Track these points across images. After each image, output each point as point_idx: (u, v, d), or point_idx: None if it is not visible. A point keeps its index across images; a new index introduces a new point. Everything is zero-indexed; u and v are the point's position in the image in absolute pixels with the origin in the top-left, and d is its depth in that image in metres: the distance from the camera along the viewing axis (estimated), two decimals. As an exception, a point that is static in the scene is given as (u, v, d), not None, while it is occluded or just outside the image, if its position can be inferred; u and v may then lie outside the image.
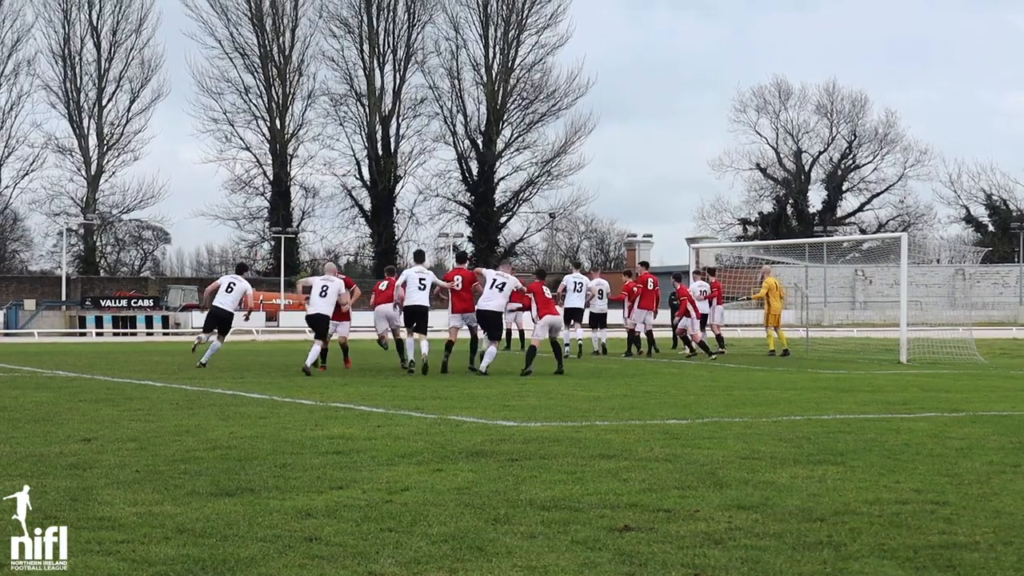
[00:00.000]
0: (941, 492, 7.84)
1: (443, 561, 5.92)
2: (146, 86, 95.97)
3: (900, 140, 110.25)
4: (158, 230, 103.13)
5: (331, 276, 21.95)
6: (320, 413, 13.01)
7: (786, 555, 6.06)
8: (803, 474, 8.57)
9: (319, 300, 21.16)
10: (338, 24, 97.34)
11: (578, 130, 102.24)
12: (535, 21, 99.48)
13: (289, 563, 5.88)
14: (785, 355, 27.53)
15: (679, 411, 13.32)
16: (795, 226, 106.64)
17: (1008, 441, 10.50)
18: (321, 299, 21.13)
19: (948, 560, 5.97)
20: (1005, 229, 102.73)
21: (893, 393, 16.19)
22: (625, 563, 5.90)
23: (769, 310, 28.46)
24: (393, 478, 8.36)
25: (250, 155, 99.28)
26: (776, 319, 28.37)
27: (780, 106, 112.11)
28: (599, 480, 8.25)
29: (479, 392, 15.98)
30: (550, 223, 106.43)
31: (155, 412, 13.09)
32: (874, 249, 49.07)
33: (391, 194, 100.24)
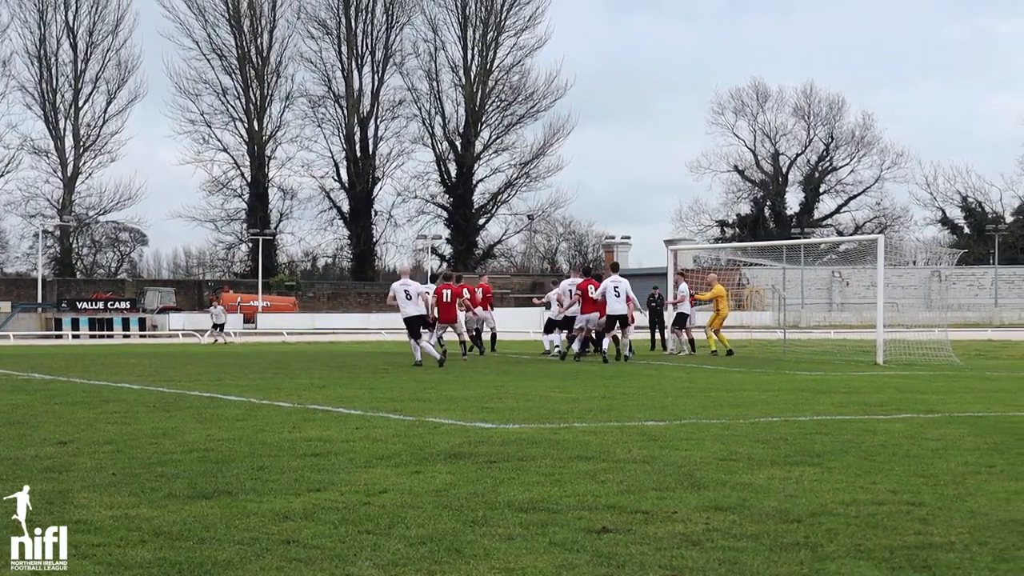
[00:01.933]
0: (917, 493, 7.87)
1: (421, 563, 5.91)
2: (123, 87, 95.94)
3: (877, 143, 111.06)
4: (135, 232, 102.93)
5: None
6: (298, 415, 12.99)
7: (763, 556, 6.07)
8: (780, 475, 8.59)
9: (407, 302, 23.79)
10: (316, 25, 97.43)
11: (556, 132, 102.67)
12: (513, 23, 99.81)
13: (266, 566, 5.87)
14: (715, 355, 28.34)
15: (657, 413, 13.34)
16: (772, 228, 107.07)
17: (983, 442, 10.55)
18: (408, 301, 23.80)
19: (924, 560, 5.99)
20: (980, 231, 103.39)
21: (870, 394, 16.25)
22: (603, 564, 5.90)
23: (717, 314, 29.43)
24: (371, 480, 8.35)
25: (228, 157, 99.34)
26: (721, 322, 29.50)
27: (758, 108, 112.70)
28: (577, 482, 8.26)
29: (457, 394, 15.98)
30: (528, 225, 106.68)
31: (132, 415, 13.03)
32: (851, 251, 49.28)
33: (369, 196, 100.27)
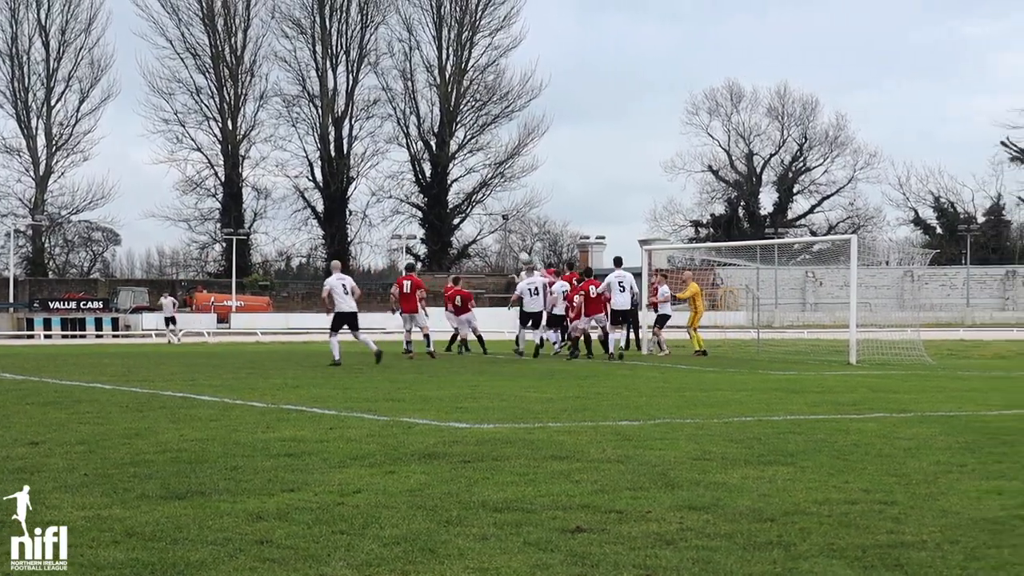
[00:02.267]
0: (889, 492, 7.91)
1: (395, 563, 5.91)
2: (96, 86, 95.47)
3: (850, 143, 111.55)
4: (108, 231, 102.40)
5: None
6: (272, 415, 12.95)
7: (737, 555, 6.09)
8: (754, 475, 8.62)
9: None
10: (290, 25, 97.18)
11: (531, 132, 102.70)
12: (488, 23, 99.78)
13: (240, 566, 5.85)
14: (703, 355, 28.53)
15: (631, 412, 13.36)
16: (746, 228, 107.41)
17: (955, 441, 10.61)
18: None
19: (896, 559, 6.02)
20: (952, 231, 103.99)
21: (843, 394, 16.31)
22: (577, 564, 5.91)
23: (696, 312, 29.90)
24: (345, 480, 8.33)
25: (201, 156, 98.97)
26: (699, 320, 29.95)
27: (732, 109, 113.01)
28: (551, 481, 8.26)
29: (432, 394, 15.97)
30: (503, 225, 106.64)
31: (104, 415, 12.97)
32: (824, 251, 49.51)
33: (344, 195, 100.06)
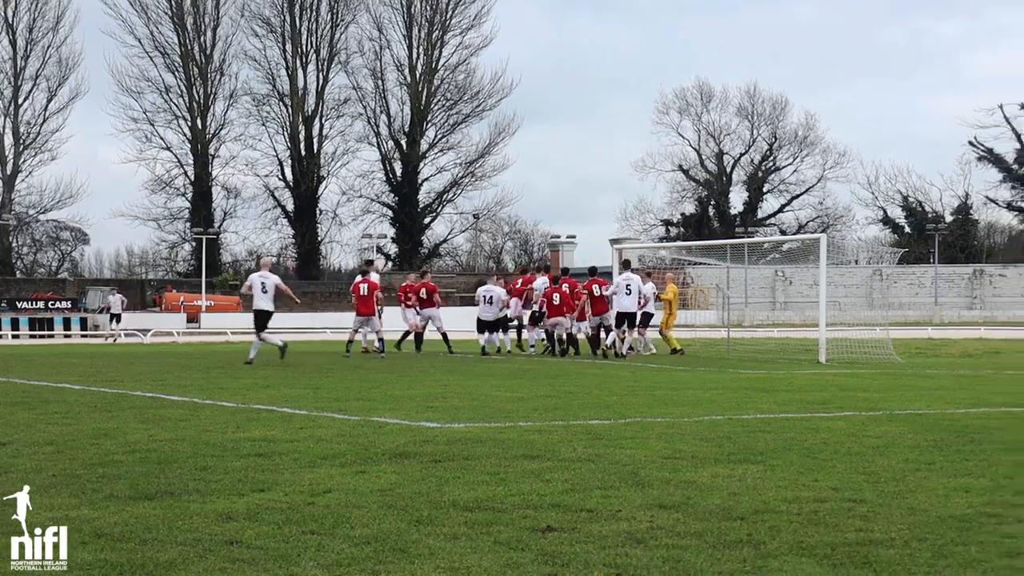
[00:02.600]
0: (858, 490, 7.95)
1: (365, 563, 5.90)
2: (64, 85, 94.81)
3: (819, 142, 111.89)
4: (76, 231, 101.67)
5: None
6: (242, 415, 12.90)
7: (707, 554, 6.11)
8: (724, 473, 8.64)
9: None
10: (260, 23, 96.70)
11: (502, 131, 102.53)
12: (459, 22, 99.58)
13: (209, 567, 5.82)
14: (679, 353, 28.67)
15: (602, 411, 13.38)
16: (717, 227, 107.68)
17: (923, 439, 10.68)
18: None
19: (865, 557, 6.05)
20: (921, 231, 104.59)
21: (812, 393, 16.39)
22: (547, 563, 5.91)
23: (669, 314, 29.99)
24: (315, 480, 8.31)
25: (171, 155, 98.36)
26: (672, 322, 30.02)
27: (702, 108, 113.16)
28: (522, 481, 8.27)
29: (402, 394, 15.95)
30: (474, 224, 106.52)
31: (73, 415, 12.89)
32: (794, 250, 49.70)
33: (314, 195, 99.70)
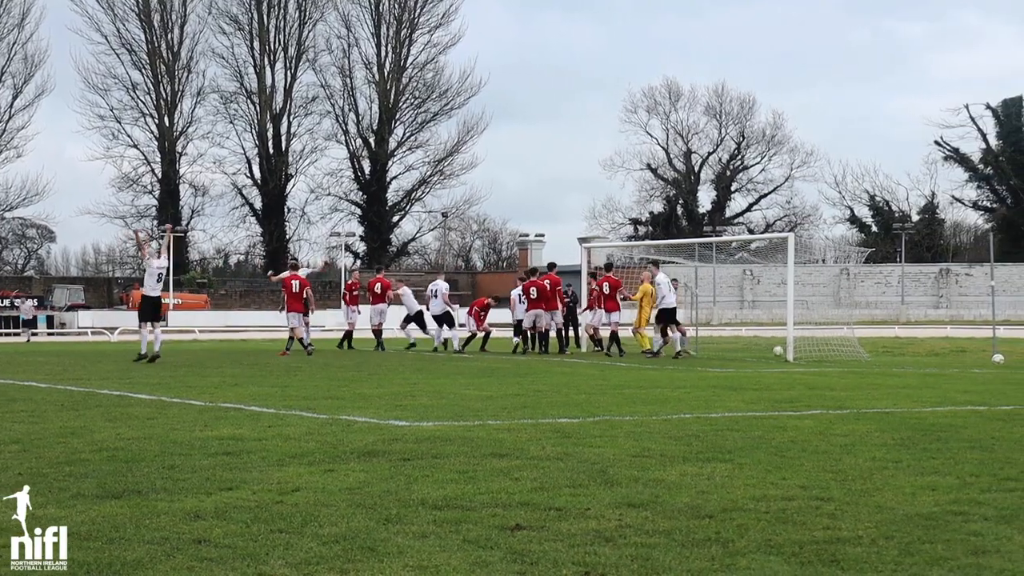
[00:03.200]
0: (826, 488, 7.99)
1: (334, 562, 5.88)
2: (29, 82, 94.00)
3: (787, 141, 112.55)
4: (42, 228, 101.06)
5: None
6: (209, 414, 12.85)
7: (675, 552, 6.12)
8: (692, 471, 8.67)
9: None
10: (228, 21, 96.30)
11: (471, 130, 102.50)
12: (427, 20, 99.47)
13: (177, 565, 5.80)
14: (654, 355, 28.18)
15: (571, 410, 13.40)
16: (685, 226, 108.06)
17: (890, 438, 10.74)
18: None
19: (832, 555, 6.08)
20: (888, 230, 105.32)
21: (780, 391, 16.46)
22: (516, 562, 5.91)
23: (641, 314, 29.35)
24: (284, 479, 8.29)
25: (138, 152, 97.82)
26: (645, 322, 29.42)
27: (670, 107, 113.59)
28: (491, 479, 8.27)
29: (371, 392, 15.92)
30: (443, 222, 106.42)
31: (39, 414, 12.80)
32: (762, 249, 49.85)
33: (282, 193, 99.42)
